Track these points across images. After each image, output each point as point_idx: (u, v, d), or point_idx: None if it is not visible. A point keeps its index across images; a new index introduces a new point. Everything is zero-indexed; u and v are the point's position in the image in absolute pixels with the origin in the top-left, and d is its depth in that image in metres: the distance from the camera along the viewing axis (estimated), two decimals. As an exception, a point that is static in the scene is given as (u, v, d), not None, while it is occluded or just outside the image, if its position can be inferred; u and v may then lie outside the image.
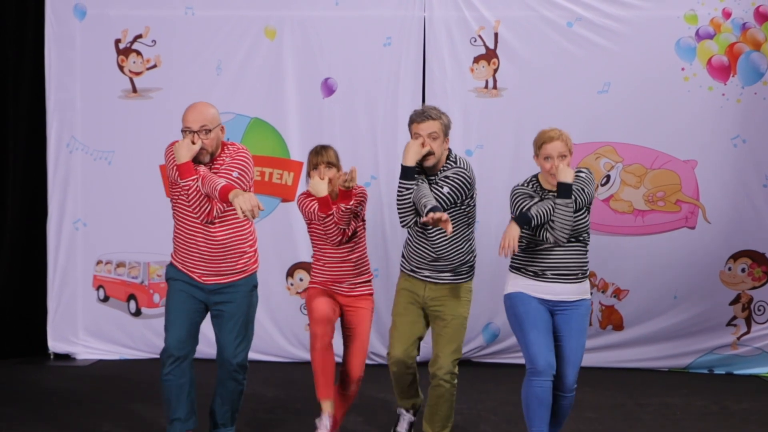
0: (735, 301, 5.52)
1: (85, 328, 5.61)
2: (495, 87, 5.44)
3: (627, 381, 5.30)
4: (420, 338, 4.08)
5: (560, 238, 3.74)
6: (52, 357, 5.60)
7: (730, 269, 5.50)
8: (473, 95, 5.43)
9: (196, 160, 3.82)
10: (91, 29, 5.49)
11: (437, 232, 3.93)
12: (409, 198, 3.88)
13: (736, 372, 5.50)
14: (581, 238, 3.85)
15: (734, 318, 5.52)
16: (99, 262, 5.60)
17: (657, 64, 5.34)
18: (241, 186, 3.78)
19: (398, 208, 3.94)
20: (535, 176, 3.93)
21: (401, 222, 3.96)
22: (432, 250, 3.96)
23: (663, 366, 5.56)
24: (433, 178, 3.95)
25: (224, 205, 3.75)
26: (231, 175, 3.78)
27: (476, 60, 5.43)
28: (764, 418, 4.64)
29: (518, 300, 3.85)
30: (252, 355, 5.47)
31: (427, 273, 4.01)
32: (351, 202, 3.98)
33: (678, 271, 5.47)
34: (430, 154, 3.88)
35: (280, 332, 5.58)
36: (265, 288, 5.52)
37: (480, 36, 5.41)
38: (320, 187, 3.97)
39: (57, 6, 5.48)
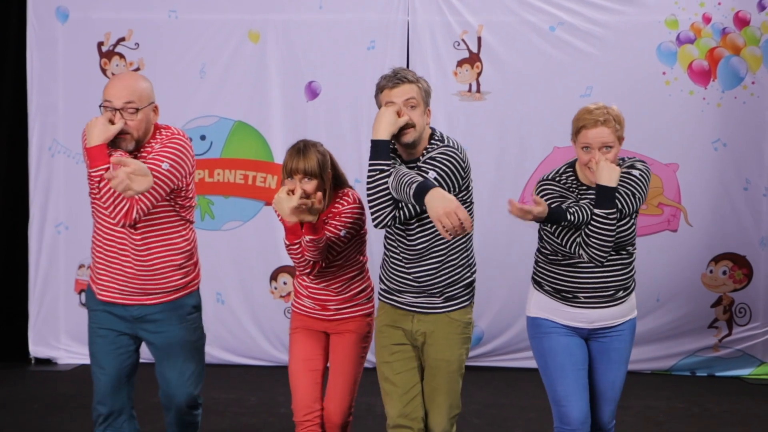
0: (716, 304, 5.56)
1: (67, 332, 5.57)
2: (479, 90, 5.46)
3: (610, 383, 5.33)
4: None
5: (597, 257, 2.92)
6: (33, 362, 5.55)
7: (711, 272, 5.54)
8: (457, 99, 5.45)
9: (115, 145, 2.97)
10: (74, 32, 5.46)
11: (418, 230, 3.01)
12: (384, 184, 2.90)
13: (717, 374, 5.54)
14: (625, 251, 3.05)
15: (716, 320, 5.56)
16: (81, 266, 5.56)
17: (639, 68, 5.38)
18: (171, 180, 2.94)
19: (370, 200, 2.94)
20: (572, 165, 3.08)
21: (375, 220, 2.97)
22: (413, 254, 3.01)
23: (646, 368, 5.58)
24: (413, 164, 3.01)
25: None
26: (160, 166, 2.92)
27: (460, 64, 5.45)
28: (745, 420, 4.67)
29: (543, 331, 3.04)
30: (236, 359, 5.55)
31: (410, 297, 3.07)
32: (334, 224, 3.10)
33: (660, 273, 5.50)
34: (408, 126, 2.95)
35: (263, 336, 5.56)
36: (248, 292, 5.57)
37: (463, 40, 5.43)
38: (284, 208, 3.00)
39: (39, 9, 5.45)
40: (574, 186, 3.03)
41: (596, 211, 2.90)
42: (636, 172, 2.98)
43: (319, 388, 3.27)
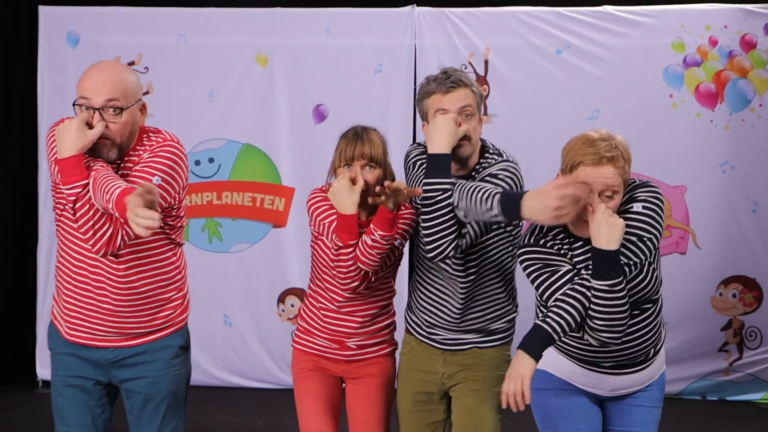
0: (727, 327, 5.51)
1: (74, 354, 5.57)
2: (485, 113, 5.47)
3: (619, 407, 5.27)
4: None
5: (610, 340, 2.28)
6: (40, 384, 5.55)
7: (721, 295, 5.50)
8: (464, 122, 5.47)
9: (93, 153, 2.38)
10: (84, 56, 5.50)
11: (467, 258, 2.54)
12: (447, 207, 2.41)
13: (728, 398, 5.48)
14: (650, 303, 2.45)
15: (726, 344, 5.51)
16: (89, 289, 5.57)
17: (646, 90, 5.39)
18: (164, 198, 2.37)
19: (427, 227, 2.42)
20: None
21: (433, 251, 2.47)
22: (458, 287, 2.55)
23: (655, 392, 5.53)
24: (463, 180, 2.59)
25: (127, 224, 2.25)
26: (150, 181, 2.35)
27: (467, 87, 5.47)
28: (757, 444, 4.62)
29: (552, 387, 2.44)
30: (243, 382, 5.53)
31: (444, 333, 2.65)
32: (395, 226, 2.50)
33: (669, 296, 5.39)
34: (465, 137, 2.55)
35: (270, 358, 5.55)
36: (255, 314, 5.56)
37: (470, 63, 5.45)
38: (345, 198, 2.44)
39: (50, 33, 5.51)
40: (565, 245, 2.30)
41: (596, 284, 2.18)
42: (638, 207, 2.25)
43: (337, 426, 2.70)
